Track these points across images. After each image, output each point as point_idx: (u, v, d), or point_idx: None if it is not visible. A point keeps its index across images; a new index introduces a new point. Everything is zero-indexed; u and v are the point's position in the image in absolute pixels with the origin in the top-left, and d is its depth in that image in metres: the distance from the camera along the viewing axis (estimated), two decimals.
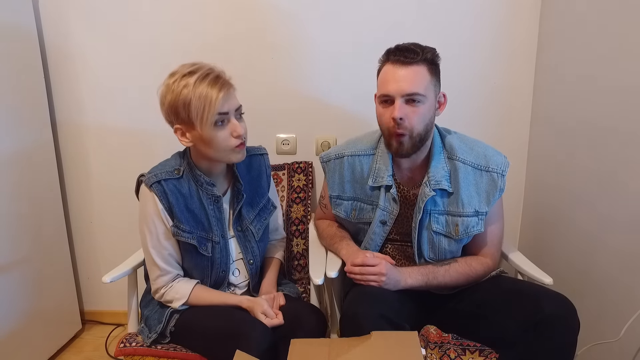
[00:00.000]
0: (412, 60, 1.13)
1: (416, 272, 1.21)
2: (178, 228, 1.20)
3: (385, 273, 1.16)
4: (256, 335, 1.10)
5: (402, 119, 1.13)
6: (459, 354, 1.20)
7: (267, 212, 1.37)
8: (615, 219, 1.31)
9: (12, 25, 1.59)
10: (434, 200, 1.24)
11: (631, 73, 1.23)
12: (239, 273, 1.34)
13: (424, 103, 1.15)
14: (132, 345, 1.27)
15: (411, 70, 1.13)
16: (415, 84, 1.13)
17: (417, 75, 1.13)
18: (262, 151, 1.39)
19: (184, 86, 1.11)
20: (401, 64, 1.14)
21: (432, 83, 1.16)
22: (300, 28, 1.72)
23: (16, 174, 1.61)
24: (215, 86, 1.12)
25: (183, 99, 1.11)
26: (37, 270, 1.72)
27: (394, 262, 1.24)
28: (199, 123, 1.12)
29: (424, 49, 1.16)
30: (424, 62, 1.14)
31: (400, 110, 1.13)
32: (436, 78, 1.18)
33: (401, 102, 1.14)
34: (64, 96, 1.84)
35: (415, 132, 1.16)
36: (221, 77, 1.15)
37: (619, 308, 1.30)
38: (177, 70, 1.16)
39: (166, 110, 1.16)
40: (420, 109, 1.14)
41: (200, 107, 1.11)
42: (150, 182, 1.19)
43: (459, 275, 1.22)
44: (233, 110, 1.16)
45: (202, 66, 1.15)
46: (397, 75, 1.14)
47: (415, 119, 1.15)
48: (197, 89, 1.11)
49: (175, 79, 1.13)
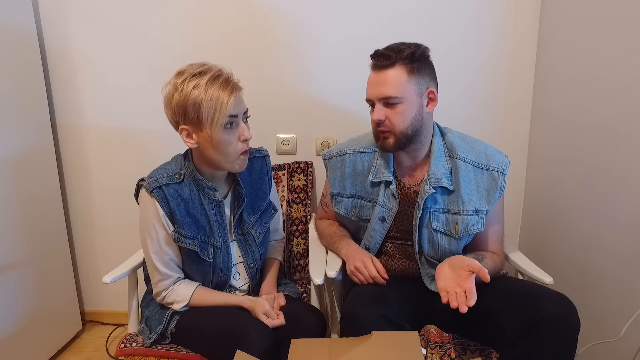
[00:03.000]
0: (386, 64, 1.16)
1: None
2: (179, 234, 1.19)
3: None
4: (257, 336, 1.09)
5: (382, 120, 1.18)
6: (459, 354, 1.20)
7: (268, 216, 1.36)
8: (616, 219, 1.31)
9: (12, 27, 1.59)
10: (434, 198, 1.24)
11: (631, 72, 1.23)
12: (240, 276, 1.34)
13: (403, 103, 1.17)
14: (132, 346, 1.27)
15: (385, 75, 1.16)
16: (388, 87, 1.16)
17: (390, 79, 1.16)
18: (263, 153, 1.38)
19: (193, 87, 1.10)
20: (378, 68, 1.18)
21: (412, 82, 1.17)
22: (300, 28, 1.72)
23: (16, 174, 1.61)
24: (226, 88, 1.11)
25: (193, 99, 1.09)
26: (37, 270, 1.72)
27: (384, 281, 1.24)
28: (209, 125, 1.11)
29: (402, 49, 1.15)
30: (400, 63, 1.15)
31: (379, 113, 1.18)
32: (419, 76, 1.18)
33: (380, 105, 1.19)
34: (64, 97, 1.84)
35: (397, 131, 1.19)
36: (231, 79, 1.14)
37: (619, 307, 1.30)
38: (185, 70, 1.14)
39: (173, 110, 1.14)
40: (399, 109, 1.17)
41: (212, 109, 1.09)
42: (151, 187, 1.17)
43: (492, 267, 1.22)
44: (242, 114, 1.16)
45: (212, 67, 1.14)
46: (375, 80, 1.19)
47: (396, 119, 1.18)
48: (209, 90, 1.09)
49: (184, 79, 1.11)
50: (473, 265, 1.07)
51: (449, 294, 1.05)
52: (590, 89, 1.40)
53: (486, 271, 1.05)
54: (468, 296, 1.02)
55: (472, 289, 1.04)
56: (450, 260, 1.13)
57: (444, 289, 1.07)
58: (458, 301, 1.02)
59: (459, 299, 1.02)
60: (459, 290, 1.05)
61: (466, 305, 1.00)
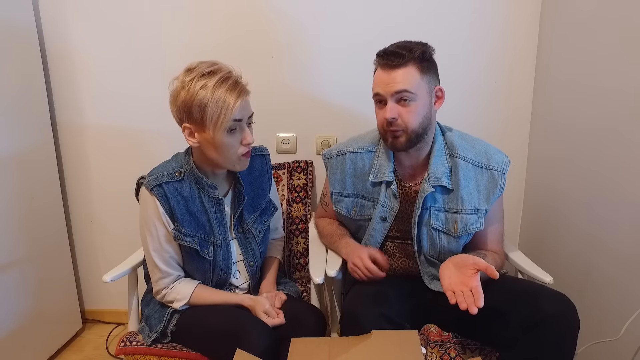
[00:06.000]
0: (398, 63, 1.14)
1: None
2: (179, 232, 1.19)
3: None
4: (257, 335, 1.10)
5: (395, 118, 1.16)
6: (459, 353, 1.20)
7: (268, 214, 1.36)
8: (615, 219, 1.31)
9: (12, 26, 1.59)
10: (434, 196, 1.24)
11: (631, 74, 1.22)
12: (240, 275, 1.34)
13: (416, 101, 1.16)
14: (132, 345, 1.27)
15: (399, 73, 1.15)
16: (403, 84, 1.14)
17: (405, 77, 1.14)
18: (264, 152, 1.38)
19: (201, 87, 1.08)
20: (389, 67, 1.16)
21: (425, 80, 1.17)
22: (300, 27, 1.72)
23: (16, 174, 1.62)
24: (233, 92, 1.09)
25: (199, 100, 1.08)
26: (37, 269, 1.72)
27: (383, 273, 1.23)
28: (212, 127, 1.10)
29: (412, 49, 1.15)
30: (412, 62, 1.15)
31: (392, 111, 1.16)
32: (429, 74, 1.18)
33: (393, 103, 1.16)
34: (63, 96, 1.84)
35: (410, 129, 1.17)
36: (239, 82, 1.13)
37: (619, 307, 1.30)
38: (194, 67, 1.12)
39: (178, 108, 1.13)
40: (412, 107, 1.16)
41: (217, 112, 1.08)
42: (151, 185, 1.17)
43: (493, 266, 1.21)
44: (247, 118, 1.15)
45: (222, 68, 1.12)
46: (386, 78, 1.16)
47: (408, 117, 1.16)
48: (216, 93, 1.08)
49: (193, 77, 1.10)
50: (479, 263, 1.06)
51: (456, 293, 1.03)
52: (590, 91, 1.40)
53: (493, 268, 1.04)
54: (475, 295, 1.01)
55: (479, 288, 1.02)
56: (455, 259, 1.13)
57: (450, 288, 1.05)
58: (467, 302, 1.00)
59: (467, 299, 1.01)
60: (465, 289, 1.03)
61: (475, 306, 0.99)
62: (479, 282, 1.04)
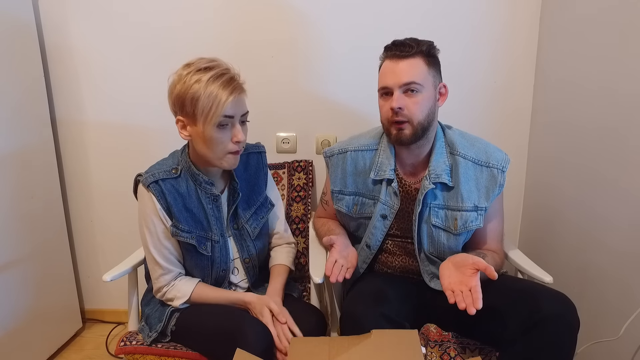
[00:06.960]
0: (407, 53, 1.16)
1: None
2: (177, 228, 1.20)
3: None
4: (255, 336, 1.09)
5: (401, 108, 1.16)
6: (459, 353, 1.20)
7: (264, 211, 1.36)
8: (615, 218, 1.31)
9: (12, 23, 1.59)
10: (434, 193, 1.25)
11: (631, 74, 1.23)
12: (238, 272, 1.34)
13: (422, 92, 1.17)
14: (132, 344, 1.27)
15: (407, 63, 1.16)
16: (411, 74, 1.15)
17: (413, 67, 1.16)
18: (260, 149, 1.38)
19: (196, 81, 1.10)
20: (397, 57, 1.17)
21: (430, 74, 1.18)
22: (301, 26, 1.72)
23: (16, 173, 1.61)
24: (227, 88, 1.11)
25: (192, 93, 1.10)
26: (37, 269, 1.72)
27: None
28: (202, 120, 1.11)
29: (420, 42, 1.18)
30: (420, 55, 1.17)
31: (399, 100, 1.16)
32: (434, 69, 1.20)
33: (399, 93, 1.17)
34: (64, 94, 1.84)
35: (415, 121, 1.17)
36: (235, 79, 1.14)
37: (618, 306, 1.30)
38: (193, 62, 1.14)
39: (173, 100, 1.15)
40: (418, 98, 1.17)
41: (207, 106, 1.10)
42: (147, 182, 1.18)
43: (493, 265, 1.20)
44: (239, 115, 1.15)
45: (220, 64, 1.14)
46: (395, 68, 1.17)
47: (415, 108, 1.17)
48: (209, 87, 1.09)
49: (190, 71, 1.12)
50: (478, 263, 1.06)
51: (455, 293, 1.03)
52: (590, 91, 1.40)
53: (492, 268, 1.04)
54: (474, 295, 1.01)
55: (478, 287, 1.02)
56: (455, 259, 1.13)
57: (449, 287, 1.06)
58: (465, 301, 1.00)
59: (465, 299, 1.01)
60: (464, 288, 1.03)
61: (474, 307, 0.99)
62: (479, 282, 1.04)
